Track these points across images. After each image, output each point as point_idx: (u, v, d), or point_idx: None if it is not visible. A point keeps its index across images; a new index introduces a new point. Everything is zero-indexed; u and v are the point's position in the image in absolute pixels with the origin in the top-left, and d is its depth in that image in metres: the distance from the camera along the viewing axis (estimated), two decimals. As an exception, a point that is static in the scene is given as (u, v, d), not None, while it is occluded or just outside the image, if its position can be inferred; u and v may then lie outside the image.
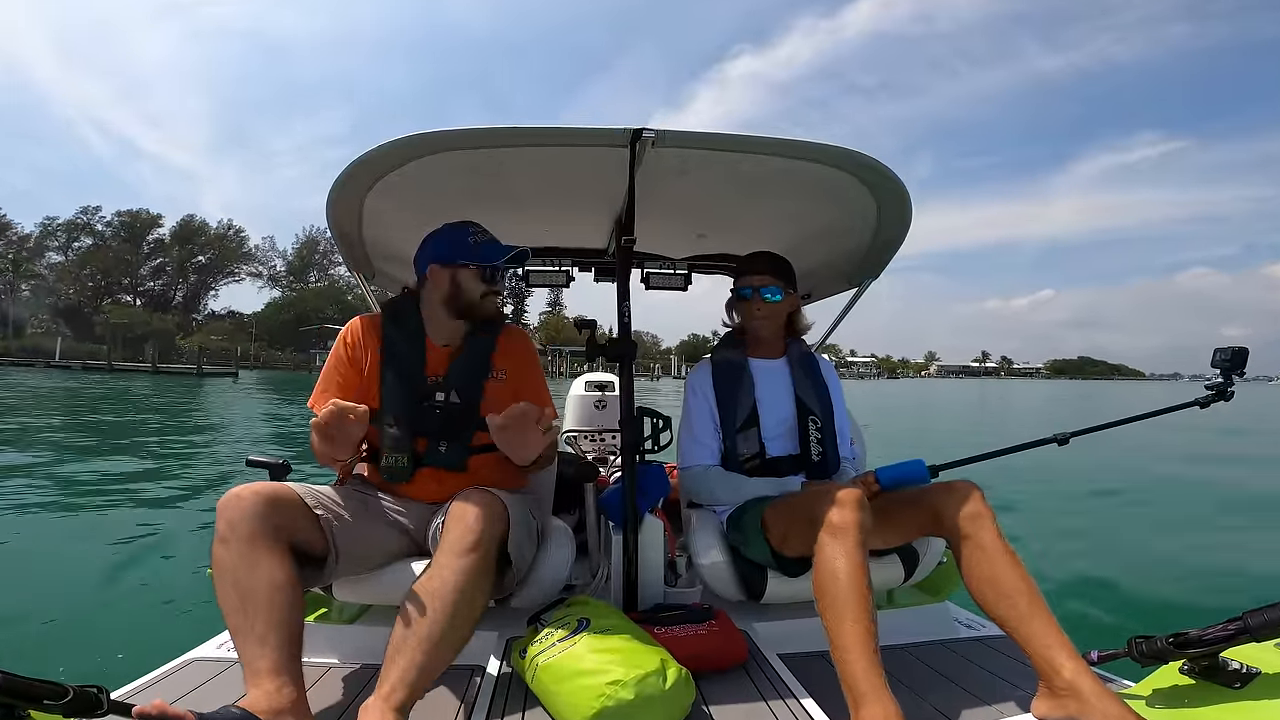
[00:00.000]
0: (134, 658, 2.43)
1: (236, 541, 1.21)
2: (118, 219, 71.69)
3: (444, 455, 1.59)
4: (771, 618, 1.71)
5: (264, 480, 1.63)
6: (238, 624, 1.16)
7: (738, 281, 1.91)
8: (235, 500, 1.25)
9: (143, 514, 5.16)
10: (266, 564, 1.21)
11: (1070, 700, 1.11)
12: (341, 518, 1.42)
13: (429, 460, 1.59)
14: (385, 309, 1.73)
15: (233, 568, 1.19)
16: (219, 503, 1.26)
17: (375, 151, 1.55)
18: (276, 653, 1.13)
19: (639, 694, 1.16)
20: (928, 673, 1.50)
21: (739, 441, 1.78)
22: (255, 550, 1.21)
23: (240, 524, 1.22)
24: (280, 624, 1.16)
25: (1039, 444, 1.64)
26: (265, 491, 1.28)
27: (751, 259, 1.90)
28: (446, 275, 1.64)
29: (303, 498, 1.37)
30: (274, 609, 1.17)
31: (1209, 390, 1.55)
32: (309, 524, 1.35)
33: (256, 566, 1.20)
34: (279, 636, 1.15)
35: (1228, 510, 6.30)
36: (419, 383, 1.61)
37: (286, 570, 1.23)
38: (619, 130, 1.47)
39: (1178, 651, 1.13)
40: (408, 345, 1.63)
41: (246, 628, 1.15)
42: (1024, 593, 1.23)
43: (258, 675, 1.11)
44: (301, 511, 1.35)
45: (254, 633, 1.14)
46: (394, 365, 1.61)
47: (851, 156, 1.62)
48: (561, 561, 1.58)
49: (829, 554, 1.26)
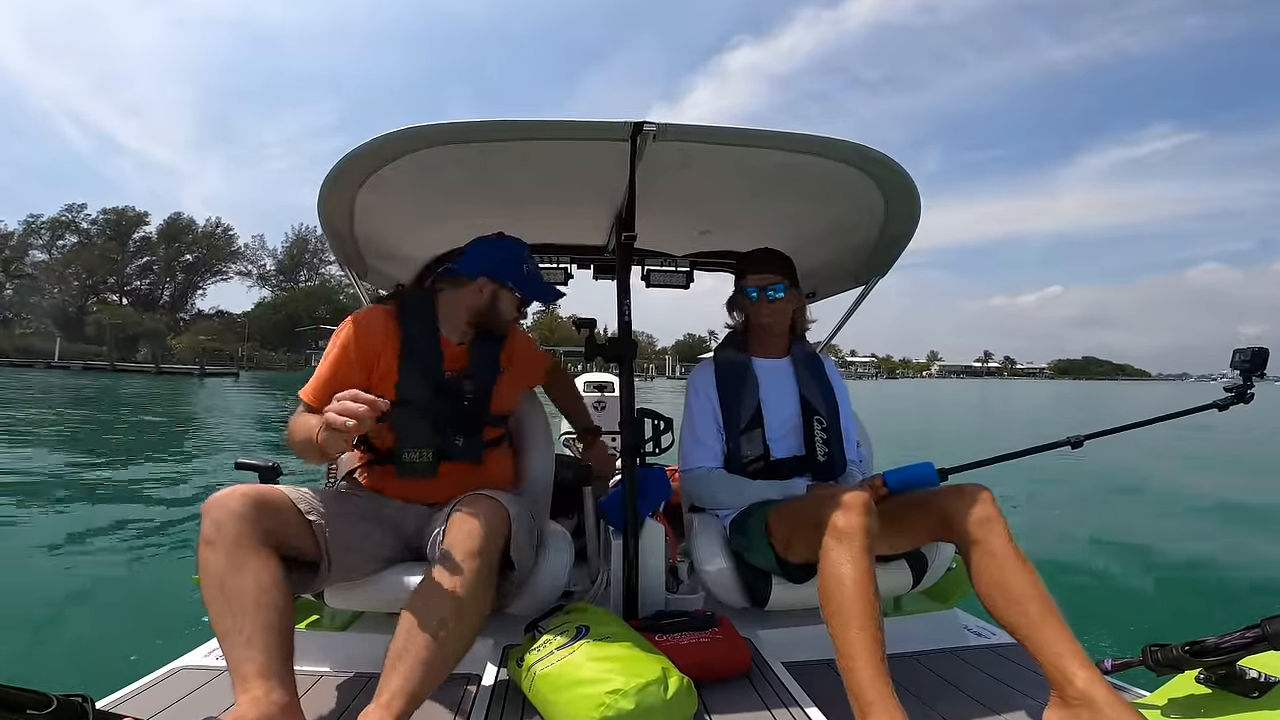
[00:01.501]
0: (120, 666, 2.38)
1: (222, 544, 1.18)
2: (103, 217, 71.27)
3: (461, 449, 1.59)
4: (776, 625, 1.68)
5: (253, 483, 1.58)
6: (225, 628, 1.13)
7: (741, 279, 1.88)
8: (221, 502, 1.22)
9: (142, 514, 5.11)
10: (253, 566, 1.17)
11: (1083, 710, 1.08)
12: (334, 522, 1.39)
13: (451, 456, 1.58)
14: (396, 304, 1.69)
15: (219, 570, 1.16)
16: (204, 505, 1.23)
17: (367, 145, 1.51)
18: (264, 655, 1.10)
19: (639, 703, 1.13)
20: (936, 682, 1.47)
21: (743, 443, 1.76)
22: (241, 552, 1.18)
23: (226, 526, 1.19)
24: (268, 627, 1.13)
25: (1052, 447, 1.60)
26: (252, 494, 1.25)
27: (756, 256, 1.87)
28: (491, 290, 1.66)
29: (293, 501, 1.34)
30: (261, 611, 1.13)
31: (1228, 392, 1.52)
32: (300, 528, 1.32)
33: (243, 569, 1.16)
34: (267, 639, 1.11)
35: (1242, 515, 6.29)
36: (437, 377, 1.59)
37: (274, 573, 1.20)
38: (620, 124, 1.44)
39: (1194, 660, 1.12)
40: (426, 341, 1.62)
41: (234, 631, 1.12)
42: (1035, 599, 1.20)
43: (245, 680, 1.08)
44: (292, 515, 1.32)
45: (241, 636, 1.11)
46: (414, 360, 1.58)
47: (858, 150, 1.59)
48: (560, 567, 1.55)
49: (835, 559, 1.24)
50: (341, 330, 1.56)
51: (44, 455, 7.91)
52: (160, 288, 75.46)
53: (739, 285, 1.89)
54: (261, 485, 1.33)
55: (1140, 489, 7.35)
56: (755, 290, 1.83)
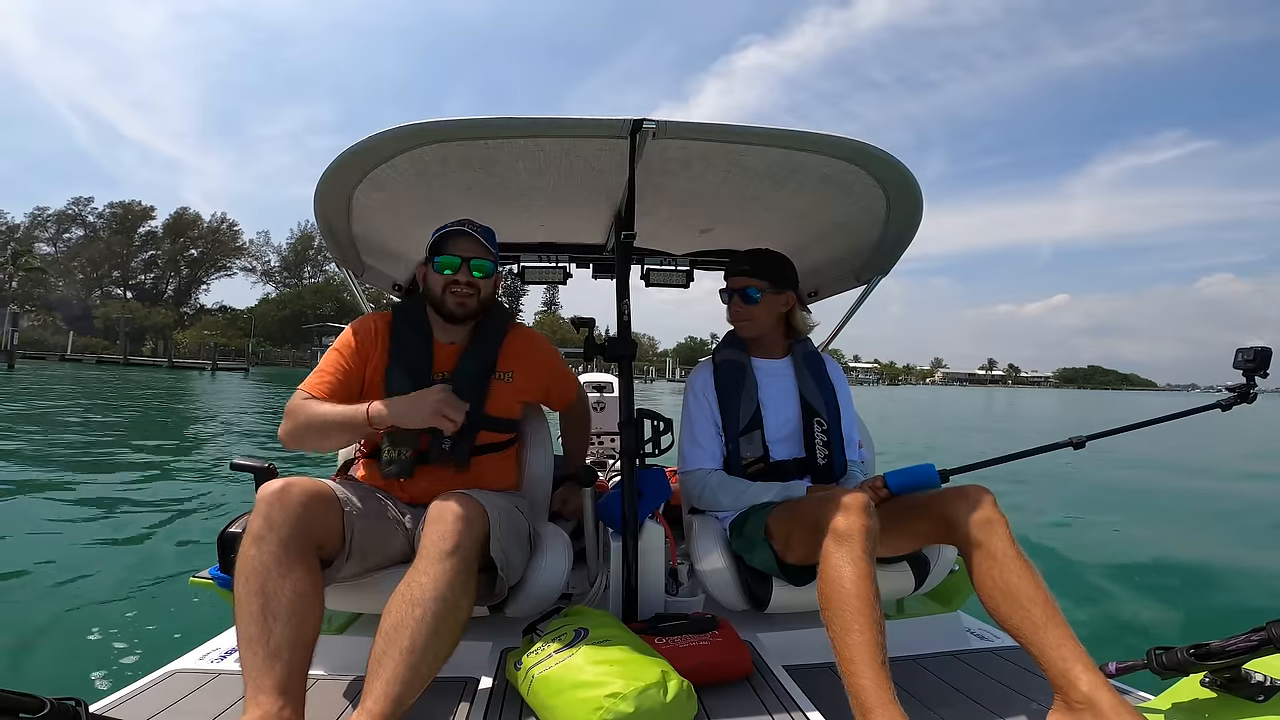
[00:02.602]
0: (114, 669, 2.39)
1: (271, 542, 1.15)
2: (109, 210, 71.55)
3: (446, 453, 1.57)
4: (776, 628, 1.68)
5: (247, 485, 1.58)
6: (253, 633, 1.10)
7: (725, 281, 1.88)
8: (279, 496, 1.19)
9: (138, 516, 5.10)
10: (298, 571, 1.15)
11: (1087, 714, 1.07)
12: (361, 514, 1.38)
13: (432, 458, 1.56)
14: (396, 307, 1.72)
15: (263, 570, 1.13)
16: (260, 495, 1.19)
17: (364, 143, 1.50)
18: (286, 670, 1.08)
19: (639, 707, 1.12)
20: (938, 685, 1.46)
21: (742, 445, 1.74)
22: (289, 554, 1.15)
23: (281, 524, 1.16)
24: (297, 642, 1.11)
25: (1054, 448, 1.60)
26: (311, 489, 1.24)
27: (735, 258, 1.86)
28: (422, 273, 1.66)
29: (335, 493, 1.33)
30: (293, 623, 1.12)
31: (1230, 392, 1.51)
32: (336, 522, 1.31)
33: (289, 573, 1.14)
34: (292, 655, 1.10)
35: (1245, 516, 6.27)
36: (423, 379, 1.59)
37: (315, 580, 1.18)
38: (619, 121, 1.43)
39: (1198, 663, 1.11)
40: (415, 342, 1.63)
41: (260, 639, 1.09)
42: (1038, 602, 1.19)
43: (260, 691, 1.06)
44: (334, 509, 1.31)
45: (268, 646, 1.09)
46: (400, 360, 1.60)
47: (860, 149, 1.58)
48: (558, 569, 1.54)
49: (835, 562, 1.23)
50: (343, 334, 1.62)
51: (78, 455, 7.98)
52: (165, 282, 75.85)
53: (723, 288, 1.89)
54: (315, 479, 1.31)
55: (1143, 490, 7.32)
56: (730, 293, 1.84)
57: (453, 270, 1.60)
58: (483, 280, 1.63)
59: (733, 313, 1.85)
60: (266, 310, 70.24)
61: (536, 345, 1.79)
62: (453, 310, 1.62)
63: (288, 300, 70.98)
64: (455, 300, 1.61)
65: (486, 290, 1.65)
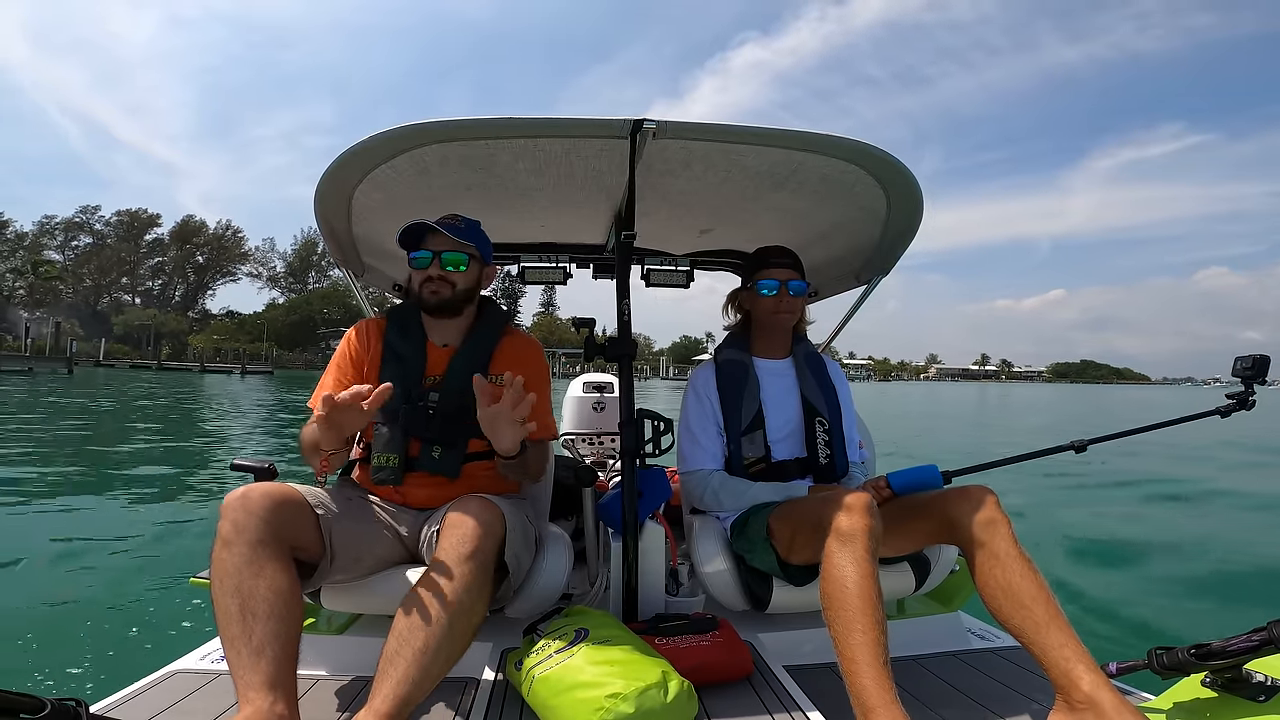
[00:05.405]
0: (114, 669, 2.38)
1: (241, 545, 1.16)
2: (116, 218, 72.33)
3: (436, 461, 1.55)
4: (777, 628, 1.67)
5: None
6: (234, 633, 1.11)
7: (756, 275, 1.81)
8: (242, 501, 1.20)
9: (137, 515, 5.13)
10: (270, 571, 1.16)
11: (1088, 714, 1.07)
12: (338, 518, 1.38)
13: (421, 464, 1.56)
14: (390, 311, 1.71)
15: (235, 572, 1.14)
16: (224, 503, 1.21)
17: (364, 144, 1.51)
18: (273, 665, 1.09)
19: (639, 707, 1.12)
20: (940, 685, 1.46)
21: (744, 444, 1.74)
22: (259, 555, 1.16)
23: (247, 527, 1.17)
24: (279, 635, 1.12)
25: (1056, 450, 1.61)
26: (274, 493, 1.24)
27: (775, 251, 1.82)
28: (407, 271, 1.65)
29: (305, 497, 1.33)
30: (273, 618, 1.12)
31: (1230, 399, 1.53)
32: (310, 526, 1.31)
33: (261, 572, 1.15)
34: (277, 649, 1.10)
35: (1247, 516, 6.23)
36: (414, 383, 1.58)
37: (291, 578, 1.19)
38: (619, 121, 1.43)
39: (1199, 663, 1.10)
40: (408, 346, 1.62)
41: (243, 637, 1.10)
42: (1040, 602, 1.19)
43: (250, 688, 1.07)
44: (305, 513, 1.31)
45: (250, 643, 1.09)
46: (392, 365, 1.59)
47: (860, 149, 1.58)
48: (558, 570, 1.53)
49: (837, 562, 1.23)
50: (340, 343, 1.61)
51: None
52: (172, 288, 76.53)
53: (753, 280, 1.82)
54: (277, 483, 1.32)
55: (1146, 490, 7.27)
56: (776, 284, 1.77)
57: (424, 265, 1.59)
58: (455, 273, 1.60)
59: (775, 304, 1.78)
60: (276, 315, 70.91)
61: (530, 358, 1.70)
62: (427, 300, 1.60)
63: (296, 305, 71.87)
64: (429, 290, 1.59)
65: (463, 282, 1.62)
